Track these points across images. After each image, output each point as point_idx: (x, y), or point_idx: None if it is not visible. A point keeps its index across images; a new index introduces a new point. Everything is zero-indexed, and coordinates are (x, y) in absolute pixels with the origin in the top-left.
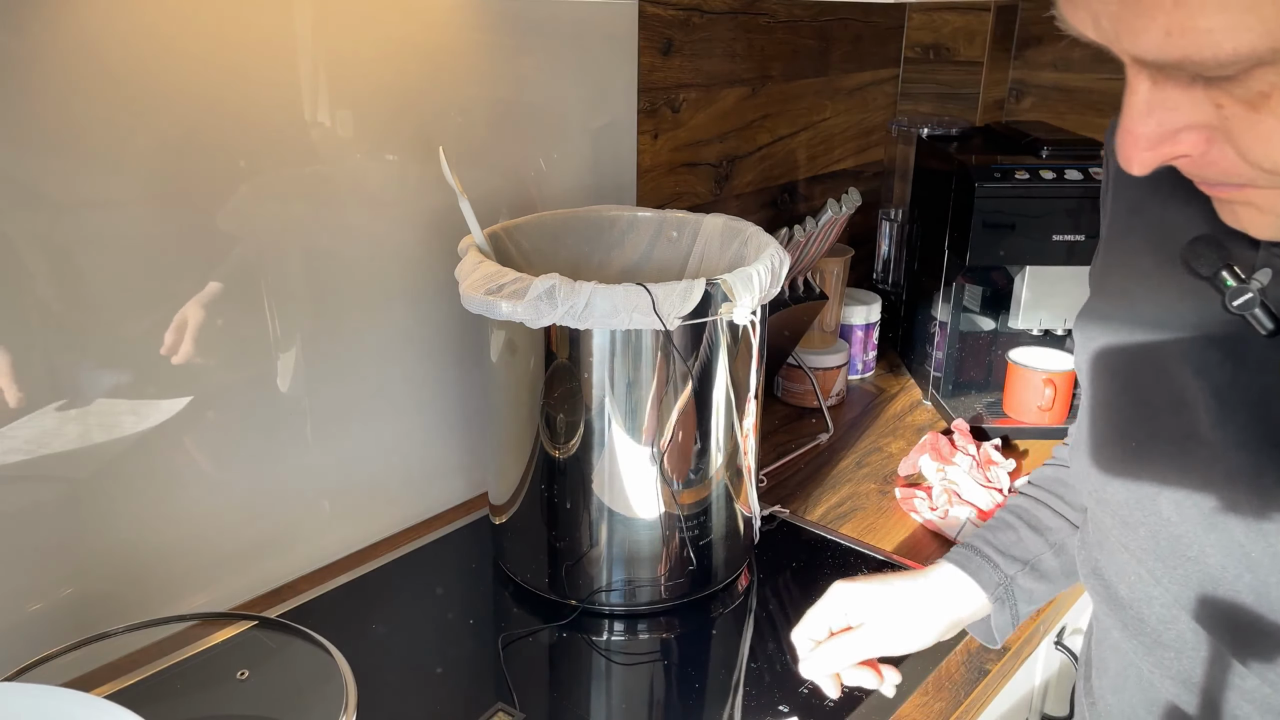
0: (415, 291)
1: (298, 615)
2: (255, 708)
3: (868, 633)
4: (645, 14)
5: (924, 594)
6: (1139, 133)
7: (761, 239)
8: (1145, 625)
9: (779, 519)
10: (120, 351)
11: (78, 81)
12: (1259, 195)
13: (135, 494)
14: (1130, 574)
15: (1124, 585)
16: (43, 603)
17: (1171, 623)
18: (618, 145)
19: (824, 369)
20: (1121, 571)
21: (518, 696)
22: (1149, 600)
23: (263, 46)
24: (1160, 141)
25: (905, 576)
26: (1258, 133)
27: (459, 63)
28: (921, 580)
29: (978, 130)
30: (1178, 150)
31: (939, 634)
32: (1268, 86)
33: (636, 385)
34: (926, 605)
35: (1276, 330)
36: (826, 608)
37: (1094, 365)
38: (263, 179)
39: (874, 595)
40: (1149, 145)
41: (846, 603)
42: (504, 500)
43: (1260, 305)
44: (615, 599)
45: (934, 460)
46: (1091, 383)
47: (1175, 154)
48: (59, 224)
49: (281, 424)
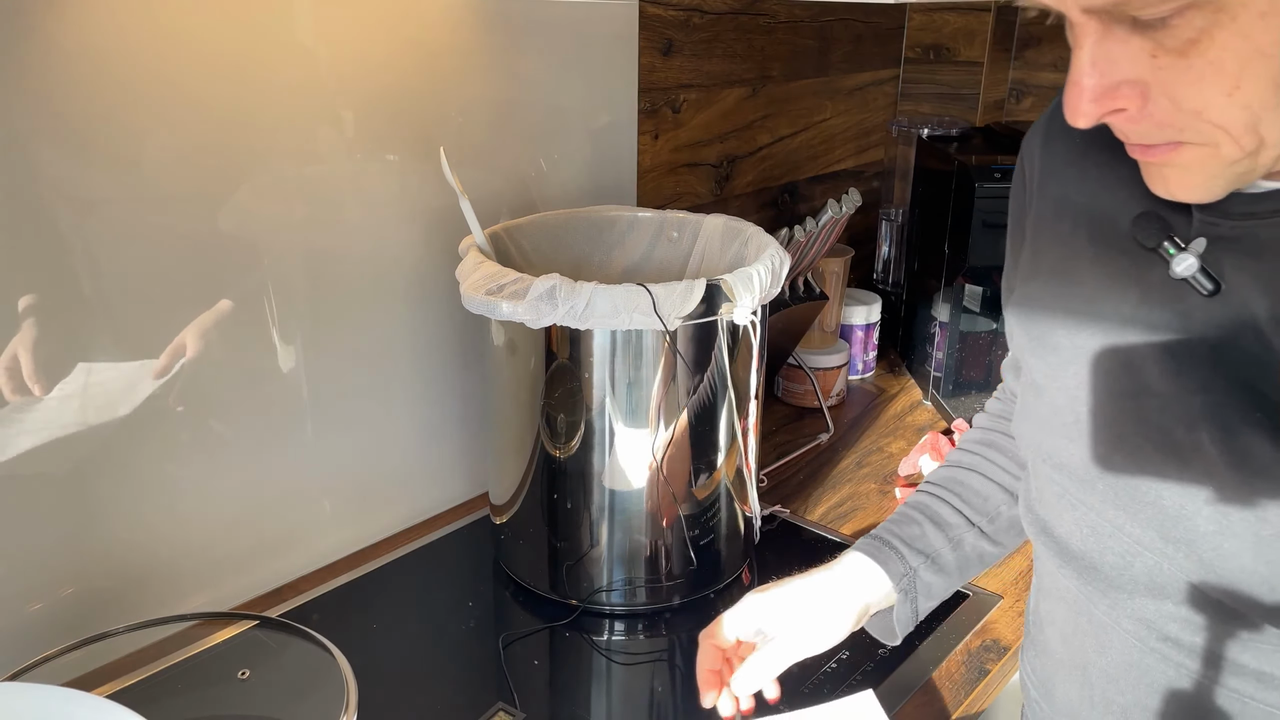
0: (416, 292)
1: (298, 615)
2: (256, 708)
3: (785, 644)
4: (646, 14)
5: (835, 586)
6: (1084, 84)
7: (762, 239)
8: (1100, 573)
9: (779, 519)
10: (120, 351)
11: (79, 83)
12: (1189, 154)
13: (136, 494)
14: (1085, 526)
15: (1076, 539)
16: (43, 603)
17: (1127, 567)
18: (618, 145)
19: (824, 369)
20: (1075, 526)
21: (518, 696)
22: (1103, 550)
23: (263, 47)
24: (1102, 94)
25: (815, 572)
26: (1189, 78)
27: (460, 63)
28: (831, 572)
29: (978, 130)
30: (1117, 102)
31: (853, 624)
32: (1196, 32)
33: (637, 385)
34: (838, 598)
35: (1215, 290)
36: (738, 617)
37: (1038, 344)
38: (263, 179)
39: (787, 602)
40: (1093, 97)
41: (760, 616)
42: (504, 500)
43: (1200, 269)
44: (616, 599)
45: (934, 460)
46: (1036, 359)
47: (1115, 106)
48: (60, 222)
49: (282, 424)
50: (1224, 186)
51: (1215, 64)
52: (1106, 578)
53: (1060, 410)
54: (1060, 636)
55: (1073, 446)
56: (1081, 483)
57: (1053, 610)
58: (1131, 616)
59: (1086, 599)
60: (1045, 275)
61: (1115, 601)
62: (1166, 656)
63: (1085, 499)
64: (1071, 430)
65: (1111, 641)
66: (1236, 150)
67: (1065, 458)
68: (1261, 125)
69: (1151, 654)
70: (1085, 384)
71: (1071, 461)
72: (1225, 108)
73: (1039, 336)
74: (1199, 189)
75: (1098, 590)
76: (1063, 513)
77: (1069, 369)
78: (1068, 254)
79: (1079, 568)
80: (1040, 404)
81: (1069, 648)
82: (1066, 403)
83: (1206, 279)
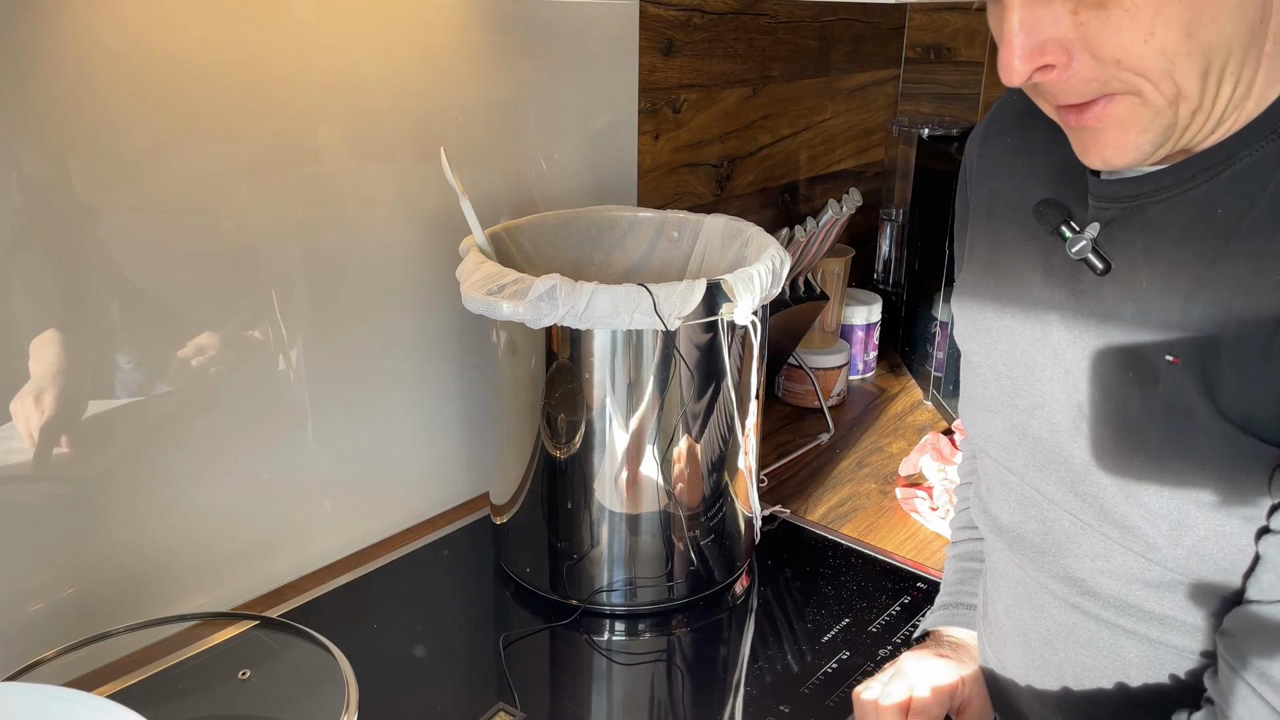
0: (417, 292)
1: (299, 615)
2: (257, 708)
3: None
4: (646, 14)
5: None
6: (1014, 44)
7: (762, 239)
8: (1026, 540)
9: (780, 519)
10: (120, 351)
11: (79, 87)
12: (1119, 106)
13: (137, 494)
14: (1014, 498)
15: (1006, 512)
16: (44, 602)
17: (1049, 532)
18: (619, 145)
19: (825, 369)
20: (1005, 500)
21: (519, 696)
22: (1028, 518)
23: (264, 48)
24: (1030, 52)
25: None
26: (1108, 29)
27: (461, 63)
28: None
29: None
30: (1045, 58)
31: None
32: None
33: (637, 385)
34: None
35: (1106, 269)
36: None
37: (973, 327)
38: (264, 180)
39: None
40: (1022, 55)
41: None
42: (505, 500)
43: (1092, 250)
44: (616, 599)
45: (935, 460)
46: (972, 340)
47: (1043, 62)
48: (60, 222)
49: (283, 424)
50: (1153, 143)
51: (1130, 13)
52: (1034, 544)
53: (989, 385)
54: (1005, 609)
55: (996, 419)
56: (1008, 451)
57: (998, 586)
58: (1056, 578)
59: (1019, 568)
60: (979, 265)
61: (1042, 566)
62: (1087, 612)
63: (1012, 468)
64: (996, 404)
65: (1044, 605)
66: (1159, 97)
67: (993, 431)
68: (1176, 72)
69: (1074, 611)
70: (1008, 359)
71: (998, 433)
72: (1143, 55)
73: (973, 320)
74: (1131, 149)
75: (1027, 558)
76: (995, 489)
77: (997, 347)
78: (996, 244)
79: (1010, 539)
80: (975, 383)
81: (1012, 618)
82: (994, 378)
83: (1098, 259)
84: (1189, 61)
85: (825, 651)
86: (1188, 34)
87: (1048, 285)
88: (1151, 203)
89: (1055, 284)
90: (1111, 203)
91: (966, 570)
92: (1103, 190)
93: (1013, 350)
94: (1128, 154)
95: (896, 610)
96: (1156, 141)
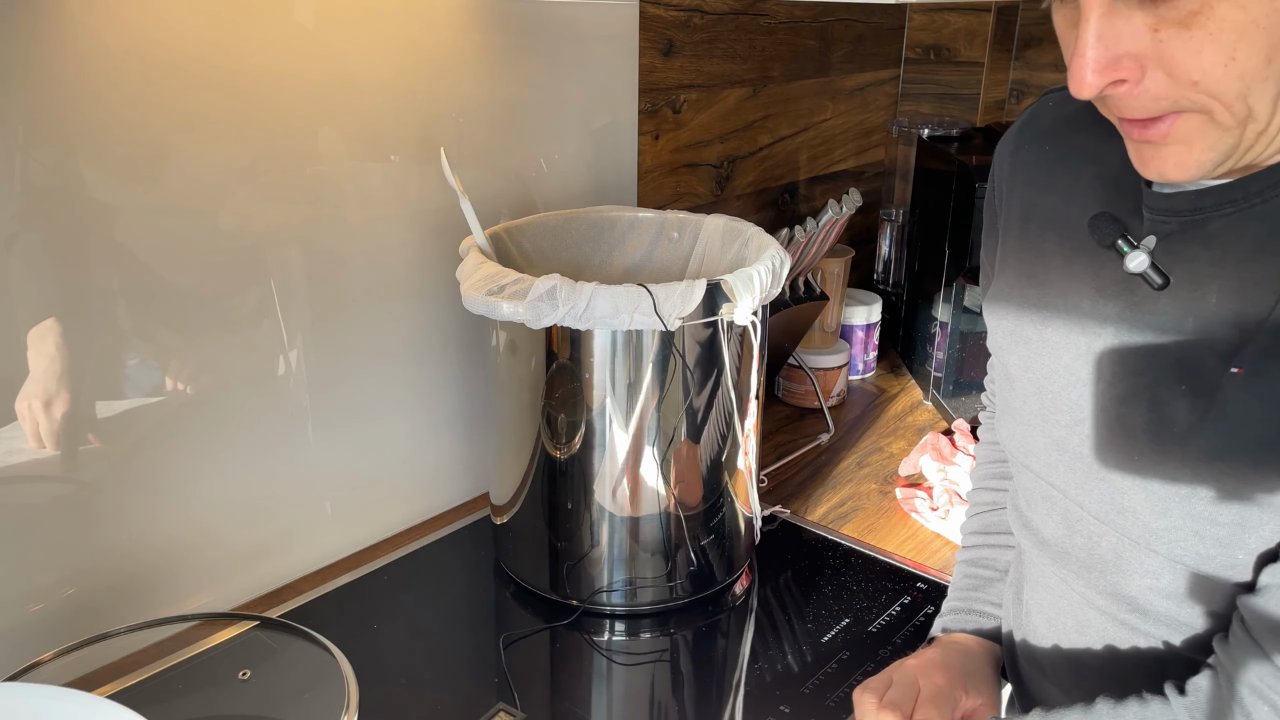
0: (417, 292)
1: (299, 615)
2: (257, 708)
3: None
4: (646, 15)
5: (976, 664)
6: (1088, 56)
7: (762, 239)
8: (1072, 556)
9: (780, 519)
10: (122, 353)
11: (73, 79)
12: (1186, 124)
13: (137, 495)
14: (1056, 514)
15: (1048, 527)
16: (44, 603)
17: (1094, 548)
18: (619, 146)
19: (825, 369)
20: (1048, 516)
21: (519, 696)
22: (1072, 534)
23: (264, 48)
24: (1105, 66)
25: (950, 666)
26: (1189, 50)
27: (460, 63)
28: (965, 661)
29: (978, 131)
30: (1119, 74)
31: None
32: (1198, 5)
33: (637, 386)
34: (976, 670)
35: (1165, 284)
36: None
37: (1011, 338)
38: (265, 180)
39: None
40: (1096, 69)
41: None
42: (505, 500)
43: (1151, 265)
44: (616, 599)
45: (935, 460)
46: (1010, 353)
47: (1117, 77)
48: (61, 223)
49: (283, 424)
50: (1215, 161)
51: (1214, 36)
52: (1079, 560)
53: (1028, 399)
54: (1046, 621)
55: (1035, 433)
56: (1049, 466)
57: (1039, 599)
58: (1104, 594)
59: (1063, 582)
60: (1016, 274)
61: (1089, 582)
62: (1136, 629)
63: (1054, 483)
64: (1036, 418)
65: (1089, 621)
66: (1229, 118)
67: (1033, 445)
68: (1251, 96)
69: (1122, 627)
70: (1049, 372)
71: (1039, 448)
72: (1221, 78)
73: (1012, 331)
74: (1194, 165)
75: (1072, 573)
76: (1036, 503)
77: (1038, 360)
78: (1035, 254)
79: (1054, 554)
80: (1014, 396)
81: (1054, 630)
82: (1034, 392)
83: (1156, 274)
84: (1264, 86)
85: (825, 651)
86: (1268, 60)
87: (1100, 299)
88: (1214, 217)
89: (1108, 297)
90: (1172, 216)
91: (978, 577)
92: (1161, 204)
93: (1054, 364)
94: (1189, 170)
95: (896, 610)
96: (1219, 159)
